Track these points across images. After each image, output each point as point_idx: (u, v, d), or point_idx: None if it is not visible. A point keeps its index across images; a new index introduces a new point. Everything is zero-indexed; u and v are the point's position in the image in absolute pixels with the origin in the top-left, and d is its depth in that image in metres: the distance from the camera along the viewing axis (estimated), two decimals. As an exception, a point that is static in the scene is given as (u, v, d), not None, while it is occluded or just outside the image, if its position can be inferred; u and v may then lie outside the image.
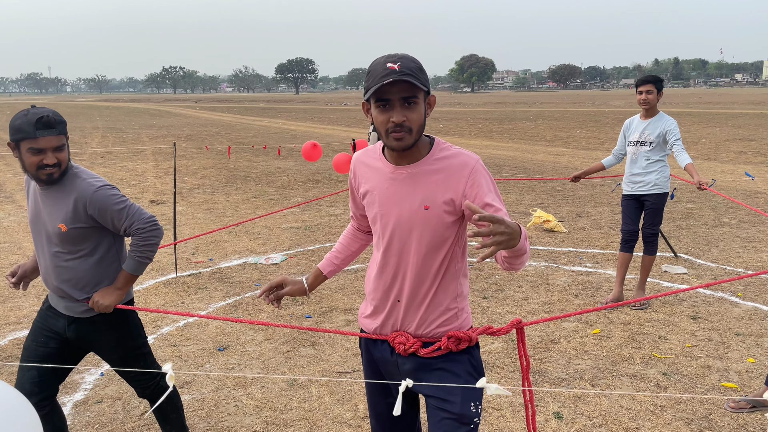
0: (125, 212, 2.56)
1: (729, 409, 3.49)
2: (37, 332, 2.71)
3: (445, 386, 1.96)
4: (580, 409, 3.53)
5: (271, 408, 3.61)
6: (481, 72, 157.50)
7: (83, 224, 2.54)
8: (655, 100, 4.92)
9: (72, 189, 2.53)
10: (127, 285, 2.64)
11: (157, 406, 2.87)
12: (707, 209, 9.07)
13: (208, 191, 11.35)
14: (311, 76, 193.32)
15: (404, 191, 1.93)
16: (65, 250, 2.57)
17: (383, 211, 1.97)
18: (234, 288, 5.79)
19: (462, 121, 32.16)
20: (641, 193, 5.04)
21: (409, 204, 1.92)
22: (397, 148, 1.87)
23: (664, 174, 4.98)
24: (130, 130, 27.24)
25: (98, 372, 4.10)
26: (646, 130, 4.97)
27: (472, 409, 1.97)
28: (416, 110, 1.84)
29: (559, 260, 6.57)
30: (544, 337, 4.54)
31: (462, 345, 1.98)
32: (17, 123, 2.42)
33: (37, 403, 2.66)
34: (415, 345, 1.98)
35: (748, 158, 15.03)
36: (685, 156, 4.82)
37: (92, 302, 2.58)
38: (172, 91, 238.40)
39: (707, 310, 5.03)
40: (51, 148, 2.44)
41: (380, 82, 1.78)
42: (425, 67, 1.92)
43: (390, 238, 1.96)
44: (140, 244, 2.60)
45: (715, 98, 58.31)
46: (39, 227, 2.61)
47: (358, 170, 2.07)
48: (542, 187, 11.31)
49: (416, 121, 1.85)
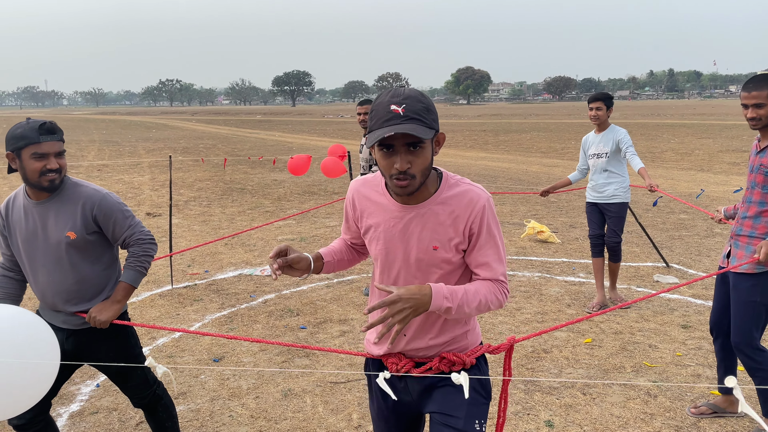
0: (129, 222, 2.64)
1: (690, 413, 3.56)
2: None
3: (450, 402, 1.95)
4: (571, 417, 3.57)
5: (266, 418, 3.64)
6: (477, 84, 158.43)
7: (91, 230, 2.60)
8: (605, 115, 5.27)
9: (77, 197, 2.58)
10: (126, 297, 2.68)
11: (152, 415, 2.91)
12: (699, 220, 9.15)
13: (204, 203, 11.39)
14: (308, 89, 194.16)
15: (412, 231, 1.88)
16: (70, 259, 2.60)
17: (389, 249, 1.93)
18: (229, 299, 5.83)
19: (458, 132, 32.33)
20: (602, 202, 5.34)
21: (417, 244, 1.88)
22: (401, 194, 1.82)
23: (623, 185, 5.27)
24: (127, 143, 27.31)
25: (94, 383, 4.13)
26: (600, 143, 5.30)
27: (476, 427, 1.95)
28: (422, 155, 1.76)
29: (552, 271, 6.62)
30: (536, 347, 4.59)
31: (456, 367, 1.97)
32: (18, 132, 2.48)
33: (31, 419, 2.67)
34: (407, 365, 1.98)
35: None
36: (637, 161, 5.10)
37: (89, 318, 2.60)
38: (169, 103, 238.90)
39: (698, 319, 5.09)
40: (54, 153, 2.51)
41: (383, 126, 1.71)
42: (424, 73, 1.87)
43: (396, 277, 1.94)
44: (140, 254, 2.66)
45: (709, 109, 58.74)
46: (36, 244, 2.60)
47: (359, 203, 2.01)
48: (537, 199, 11.38)
49: (421, 165, 1.77)
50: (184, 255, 7.50)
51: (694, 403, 3.68)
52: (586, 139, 5.49)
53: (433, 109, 1.79)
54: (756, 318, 3.16)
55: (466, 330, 2.02)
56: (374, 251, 1.98)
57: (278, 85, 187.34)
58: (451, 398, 1.96)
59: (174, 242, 7.92)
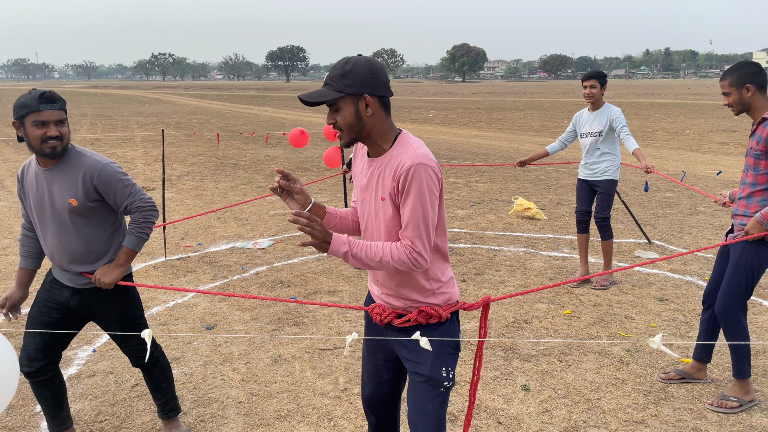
0: (129, 190, 2.78)
1: (659, 380, 3.76)
2: (41, 303, 2.89)
3: (418, 350, 2.14)
4: (547, 382, 3.76)
5: (256, 381, 3.82)
6: (473, 61, 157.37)
7: (92, 198, 2.73)
8: (599, 93, 5.29)
9: (79, 166, 2.72)
10: (128, 261, 2.83)
11: (149, 376, 3.08)
12: (684, 198, 9.33)
13: (197, 178, 11.48)
14: (302, 64, 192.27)
15: (371, 183, 2.12)
16: (74, 224, 2.75)
17: (360, 197, 2.20)
18: (222, 271, 5.98)
19: (452, 110, 32.32)
20: (594, 179, 5.42)
21: (372, 195, 2.12)
22: (341, 145, 2.11)
23: (615, 163, 5.36)
24: (119, 118, 27.20)
25: (90, 349, 4.29)
26: (594, 122, 5.34)
27: (443, 374, 2.14)
28: (341, 113, 2.03)
29: (537, 246, 6.80)
30: (518, 318, 4.77)
31: (432, 320, 2.16)
32: (21, 101, 2.64)
33: (41, 368, 2.87)
34: (390, 315, 2.18)
35: (729, 149, 15.32)
36: (632, 142, 5.18)
37: (95, 279, 2.77)
38: (162, 78, 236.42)
39: (674, 292, 5.28)
40: (53, 121, 2.64)
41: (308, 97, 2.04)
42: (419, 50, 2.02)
43: (365, 225, 2.20)
44: (140, 221, 2.80)
45: (704, 89, 58.77)
46: (44, 208, 2.77)
47: (359, 159, 2.26)
48: (526, 176, 11.53)
49: (343, 122, 2.03)
50: (177, 228, 7.62)
51: (663, 370, 3.88)
52: (579, 115, 5.52)
53: (351, 75, 1.99)
54: (745, 281, 3.35)
55: (432, 290, 2.16)
56: (354, 197, 2.27)
57: (272, 60, 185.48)
58: (419, 347, 2.15)
59: (167, 216, 8.05)
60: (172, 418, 3.18)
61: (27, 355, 2.87)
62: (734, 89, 3.35)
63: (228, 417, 3.43)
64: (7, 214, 8.44)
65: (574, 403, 3.51)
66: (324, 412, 3.46)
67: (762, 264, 3.37)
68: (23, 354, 2.89)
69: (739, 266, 3.37)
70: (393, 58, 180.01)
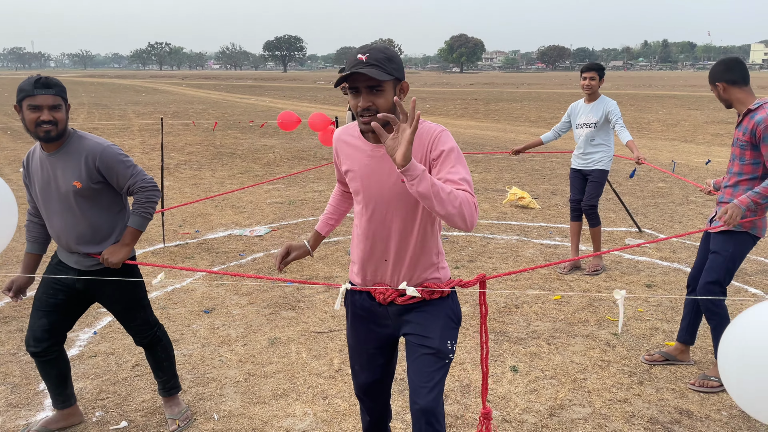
0: (130, 171, 2.87)
1: (644, 361, 3.89)
2: (47, 285, 2.99)
3: (426, 324, 2.22)
4: (535, 364, 3.88)
5: (253, 362, 3.93)
6: (471, 52, 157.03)
7: (96, 180, 2.82)
8: (597, 85, 5.39)
9: (81, 149, 2.81)
10: (134, 241, 2.93)
11: (152, 354, 3.19)
12: (677, 188, 9.45)
13: (195, 167, 11.56)
14: (299, 54, 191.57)
15: (383, 168, 2.12)
16: (79, 206, 2.85)
17: (365, 186, 2.18)
18: (219, 257, 6.08)
19: (449, 101, 32.35)
20: (586, 169, 5.53)
21: (388, 179, 2.12)
22: (365, 130, 2.07)
23: (608, 154, 5.48)
24: (116, 107, 27.18)
25: (91, 331, 4.39)
26: (590, 113, 5.44)
27: (448, 346, 2.23)
28: (382, 96, 2.01)
29: (530, 234, 6.91)
30: (508, 303, 4.89)
31: (435, 295, 2.25)
32: (21, 85, 2.74)
33: (47, 348, 2.97)
34: (393, 294, 2.25)
35: (723, 140, 15.43)
36: (626, 134, 5.30)
37: (102, 259, 2.87)
38: (158, 67, 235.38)
39: (662, 279, 5.40)
40: (47, 106, 2.72)
41: (347, 71, 1.99)
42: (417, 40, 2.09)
43: (373, 210, 2.19)
44: (143, 201, 2.90)
45: (701, 81, 58.78)
46: (50, 192, 2.86)
47: (339, 148, 2.27)
48: (521, 166, 11.63)
49: (382, 106, 2.01)
50: (175, 216, 7.72)
51: (648, 352, 4.00)
52: (574, 106, 5.61)
53: (395, 60, 2.03)
54: (726, 266, 3.47)
55: (437, 264, 2.28)
56: (353, 188, 2.24)
57: (269, 50, 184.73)
58: (426, 322, 2.24)
59: (165, 203, 8.13)
60: (172, 396, 3.30)
61: (33, 336, 2.97)
62: (712, 87, 3.55)
63: (226, 395, 3.54)
64: (6, 202, 8.51)
65: (561, 383, 3.64)
66: (319, 391, 3.58)
67: (742, 249, 3.48)
68: (30, 334, 2.99)
69: (720, 252, 3.49)
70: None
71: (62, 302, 2.98)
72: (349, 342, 2.49)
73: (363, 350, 2.42)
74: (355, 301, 2.38)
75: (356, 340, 2.43)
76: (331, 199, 2.57)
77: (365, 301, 2.35)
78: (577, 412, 3.34)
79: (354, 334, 2.43)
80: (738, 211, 3.24)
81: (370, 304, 2.34)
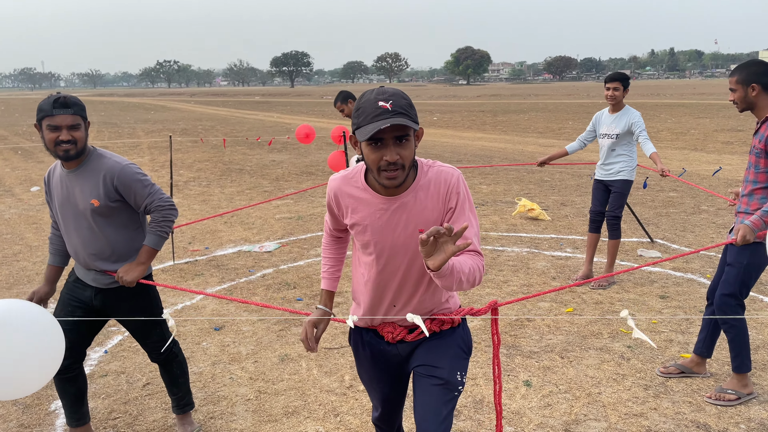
0: (148, 190, 2.88)
1: (659, 374, 3.82)
2: (65, 303, 3.01)
3: (435, 355, 2.15)
4: (548, 378, 3.83)
5: (264, 380, 3.91)
6: (477, 64, 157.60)
7: (113, 199, 2.84)
8: (621, 96, 5.33)
9: (100, 167, 2.83)
10: (149, 259, 2.93)
11: (167, 371, 3.19)
12: (688, 198, 9.37)
13: (204, 184, 11.61)
14: (306, 70, 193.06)
15: (398, 220, 2.01)
16: (97, 224, 2.86)
17: (377, 239, 2.05)
18: (229, 274, 6.08)
19: (456, 113, 32.41)
20: (608, 179, 5.46)
21: (404, 231, 2.02)
22: (390, 186, 1.92)
23: (630, 164, 5.40)
24: (125, 125, 27.43)
25: (102, 350, 4.39)
26: (613, 123, 5.39)
27: (458, 378, 2.16)
28: (408, 147, 1.89)
29: (540, 246, 6.87)
30: (520, 316, 4.84)
31: (445, 326, 2.18)
32: (40, 105, 2.76)
33: (68, 366, 2.98)
34: (402, 333, 2.18)
35: (734, 148, 15.33)
36: (650, 146, 5.23)
37: (118, 277, 2.88)
38: (167, 85, 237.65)
39: (676, 290, 5.34)
40: (66, 126, 2.74)
41: (374, 122, 1.83)
42: (423, 53, 2.02)
43: (386, 262, 2.08)
44: (160, 220, 2.91)
45: (710, 89, 58.62)
46: (68, 209, 2.88)
47: (342, 201, 2.10)
48: (530, 178, 11.60)
49: (408, 157, 1.90)
50: (185, 233, 7.73)
51: (663, 365, 3.94)
52: (599, 116, 5.56)
53: (413, 106, 1.95)
54: (741, 278, 3.42)
55: (447, 297, 2.21)
56: (363, 240, 2.11)
57: (277, 65, 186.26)
58: (435, 353, 2.17)
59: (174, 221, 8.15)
60: (186, 413, 3.28)
61: None
62: (741, 86, 3.42)
63: (237, 414, 3.52)
64: (17, 222, 8.58)
65: (575, 398, 3.58)
66: (330, 408, 3.55)
67: (759, 261, 3.43)
68: None
69: (737, 264, 3.44)
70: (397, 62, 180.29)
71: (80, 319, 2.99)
72: (361, 379, 2.42)
73: (377, 389, 2.36)
74: (362, 340, 2.29)
75: (369, 378, 2.37)
76: (325, 251, 2.39)
77: (372, 339, 2.26)
78: (593, 427, 3.29)
79: (365, 373, 2.37)
80: (750, 234, 3.18)
81: (377, 342, 2.24)
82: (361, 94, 1.96)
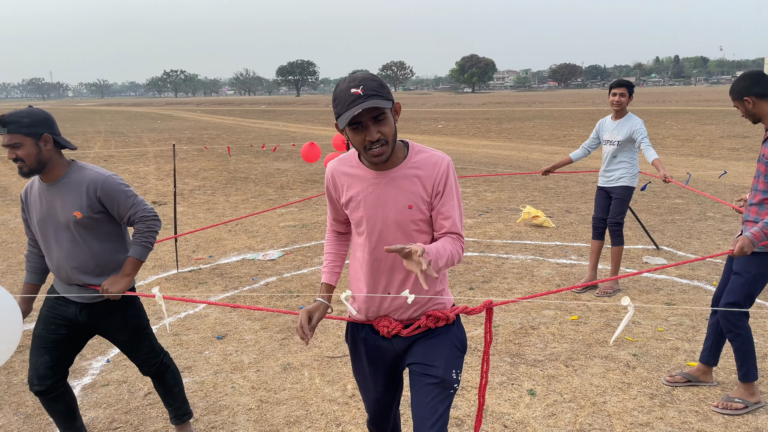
0: (131, 201, 2.84)
1: (665, 383, 3.78)
2: (47, 321, 2.94)
3: (430, 353, 2.18)
4: (553, 387, 3.79)
5: (266, 389, 3.88)
6: (482, 72, 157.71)
7: (96, 210, 2.80)
8: (626, 102, 5.32)
9: (82, 179, 2.80)
10: (134, 271, 2.89)
11: (161, 383, 3.15)
12: (694, 204, 9.32)
13: (209, 192, 11.63)
14: (312, 78, 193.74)
15: (388, 194, 2.10)
16: (80, 236, 2.82)
17: (369, 214, 2.13)
18: (233, 282, 6.07)
19: (461, 121, 32.42)
20: (609, 186, 5.44)
21: (394, 205, 2.10)
22: (378, 162, 2.04)
23: (631, 171, 5.37)
24: (132, 134, 27.56)
25: (104, 359, 4.38)
26: (615, 130, 5.37)
27: (453, 376, 2.18)
28: (387, 123, 2.00)
29: (545, 253, 6.83)
30: (524, 324, 4.80)
31: (440, 323, 2.20)
32: None
33: (52, 385, 2.91)
34: (397, 327, 2.21)
35: (740, 154, 15.26)
36: (652, 152, 5.20)
37: (102, 290, 2.83)
38: (174, 94, 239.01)
39: (682, 297, 5.29)
40: (8, 145, 2.69)
41: (349, 108, 1.94)
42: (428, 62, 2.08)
43: (378, 239, 2.14)
44: (144, 230, 2.87)
45: (715, 95, 58.45)
46: (49, 223, 2.83)
47: (338, 180, 2.20)
48: (535, 185, 11.56)
49: (389, 133, 2.01)
50: (189, 241, 7.74)
51: (669, 373, 3.90)
52: (602, 122, 5.55)
53: (385, 85, 2.03)
54: (747, 287, 3.38)
55: (441, 289, 2.24)
56: (356, 217, 2.18)
57: (282, 74, 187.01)
58: (431, 350, 2.19)
59: (179, 229, 8.17)
60: (185, 422, 3.25)
61: (37, 374, 2.89)
62: (738, 103, 3.41)
63: (238, 423, 3.49)
64: (23, 231, 8.60)
65: (580, 407, 3.54)
66: (332, 417, 3.52)
67: (765, 271, 3.38)
68: (32, 373, 2.91)
69: (744, 273, 3.39)
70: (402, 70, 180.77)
71: (64, 337, 2.93)
72: (356, 377, 2.44)
73: (372, 388, 2.38)
74: (358, 335, 2.33)
75: (363, 376, 2.38)
76: (328, 247, 2.44)
77: (368, 334, 2.29)
78: (598, 436, 3.25)
79: (360, 369, 2.38)
80: (750, 246, 3.14)
81: (373, 338, 2.28)
82: (336, 84, 2.05)
